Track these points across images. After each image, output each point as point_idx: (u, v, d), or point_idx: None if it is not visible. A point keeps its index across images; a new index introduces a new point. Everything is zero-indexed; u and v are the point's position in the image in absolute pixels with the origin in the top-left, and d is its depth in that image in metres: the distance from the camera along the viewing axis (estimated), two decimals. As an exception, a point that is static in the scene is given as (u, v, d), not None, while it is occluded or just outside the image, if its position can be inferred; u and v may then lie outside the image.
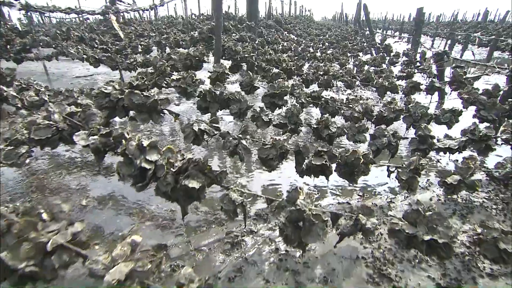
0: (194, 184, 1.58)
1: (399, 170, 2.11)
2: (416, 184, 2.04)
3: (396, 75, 5.42)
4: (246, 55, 4.60)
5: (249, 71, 5.26)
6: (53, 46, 6.62)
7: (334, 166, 2.18)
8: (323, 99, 3.68)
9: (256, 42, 6.96)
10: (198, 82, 3.02)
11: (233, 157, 2.21)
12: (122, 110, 2.38)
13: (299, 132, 2.92)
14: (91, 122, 1.84)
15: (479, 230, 1.48)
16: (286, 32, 12.59)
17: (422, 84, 4.55)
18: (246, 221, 1.67)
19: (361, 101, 4.48)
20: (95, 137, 1.69)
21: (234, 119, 3.01)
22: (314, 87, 5.34)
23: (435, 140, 2.71)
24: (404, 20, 33.55)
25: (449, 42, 14.90)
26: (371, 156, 2.11)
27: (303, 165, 2.19)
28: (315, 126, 2.80)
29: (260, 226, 2.39)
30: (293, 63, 5.69)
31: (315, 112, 5.15)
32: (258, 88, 3.63)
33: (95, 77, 8.03)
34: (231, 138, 2.18)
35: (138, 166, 1.62)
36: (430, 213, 1.50)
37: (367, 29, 12.71)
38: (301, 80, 5.03)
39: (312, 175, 2.17)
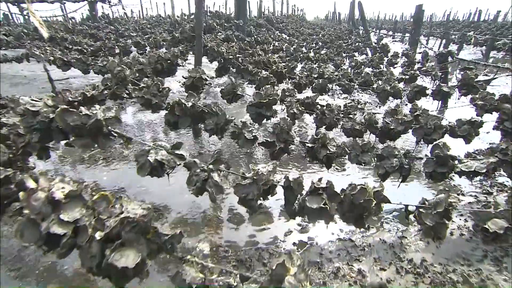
0: (128, 260, 1.03)
1: (422, 211, 1.59)
2: (445, 232, 1.52)
3: (396, 77, 4.94)
4: (230, 57, 4.05)
5: (231, 76, 4.72)
6: (19, 46, 5.97)
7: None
8: (318, 108, 3.15)
9: (245, 42, 6.42)
10: (166, 92, 2.46)
11: (201, 195, 1.67)
12: (60, 132, 1.81)
13: (290, 152, 2.39)
14: (-14, 160, 1.28)
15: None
16: (277, 32, 12.07)
17: (428, 89, 4.06)
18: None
19: (359, 106, 3.99)
20: (-17, 185, 1.12)
21: (210, 136, 2.46)
22: (308, 92, 4.82)
23: (456, 162, 2.21)
24: (396, 19, 33.35)
25: (443, 41, 14.60)
26: (384, 193, 1.59)
27: (295, 205, 1.66)
28: (310, 146, 2.26)
29: (241, 278, 1.85)
30: (284, 64, 5.17)
31: (309, 119, 4.63)
32: (242, 96, 3.08)
33: (71, 80, 7.40)
34: (198, 170, 1.63)
35: (45, 232, 1.06)
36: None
37: (361, 28, 12.29)
38: (293, 85, 4.51)
39: (306, 218, 1.64)
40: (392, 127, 2.82)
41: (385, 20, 36.78)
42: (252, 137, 2.33)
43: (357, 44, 9.35)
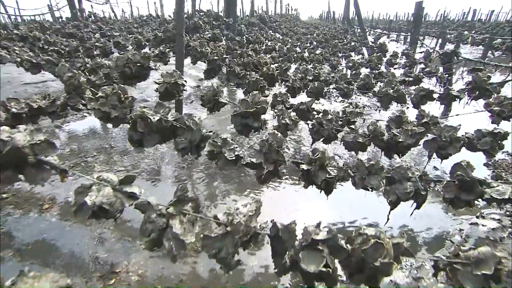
0: None
1: (459, 268, 1.17)
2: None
3: (398, 79, 4.54)
4: (215, 58, 3.60)
5: (221, 78, 4.27)
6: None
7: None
8: (315, 117, 2.73)
9: (234, 41, 5.98)
10: (129, 102, 2.00)
11: (159, 248, 1.22)
12: (-29, 160, 1.35)
13: (280, 176, 1.95)
14: None
15: None
16: (271, 31, 11.65)
17: (435, 92, 3.67)
18: None
19: (358, 110, 3.59)
20: None
21: (182, 157, 2.01)
22: (302, 96, 4.40)
23: (484, 186, 1.80)
24: (390, 19, 33.11)
25: (439, 41, 14.32)
26: (405, 245, 1.17)
27: (285, 259, 1.23)
28: (305, 168, 1.83)
29: None
30: (277, 65, 4.74)
31: (305, 127, 4.20)
32: (226, 104, 2.64)
33: (48, 83, 6.88)
34: (154, 216, 1.19)
35: None
36: None
37: (356, 26, 11.90)
38: (286, 88, 4.08)
39: (301, 279, 1.20)
40: (400, 140, 2.40)
41: (379, 19, 36.62)
42: (234, 157, 1.89)
43: (353, 43, 8.97)
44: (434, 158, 2.74)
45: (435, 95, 3.76)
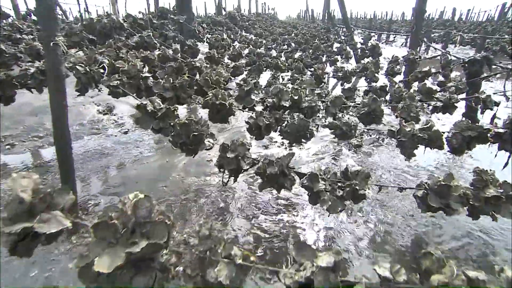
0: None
1: None
2: None
3: (418, 103, 3.07)
4: (114, 83, 1.98)
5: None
6: None
7: None
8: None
9: (184, 46, 4.34)
10: None
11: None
12: None
13: None
14: None
15: None
16: (242, 31, 10.05)
17: (490, 131, 2.22)
18: None
19: (355, 142, 2.11)
20: None
21: None
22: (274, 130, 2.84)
23: None
24: (368, 17, 32.29)
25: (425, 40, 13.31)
26: None
27: None
28: None
29: None
30: (239, 81, 3.17)
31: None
32: (57, 236, 1.01)
33: None
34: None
35: None
36: None
37: (339, 25, 10.56)
38: (247, 125, 2.49)
39: None
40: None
41: (357, 18, 35.94)
42: None
43: (338, 44, 7.54)
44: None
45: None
